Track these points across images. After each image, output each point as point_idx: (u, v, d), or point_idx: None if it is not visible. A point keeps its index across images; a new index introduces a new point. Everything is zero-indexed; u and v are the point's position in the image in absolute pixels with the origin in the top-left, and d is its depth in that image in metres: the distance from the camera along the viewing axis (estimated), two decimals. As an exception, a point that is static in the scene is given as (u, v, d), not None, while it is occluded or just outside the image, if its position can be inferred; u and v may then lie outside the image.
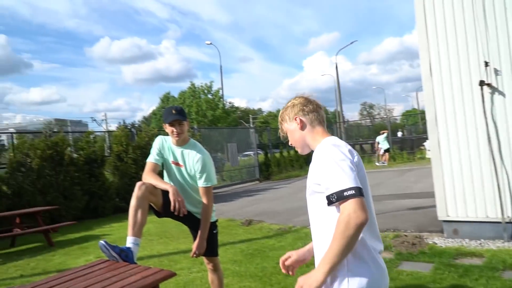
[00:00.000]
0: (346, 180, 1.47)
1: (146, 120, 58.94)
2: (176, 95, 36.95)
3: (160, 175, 3.07)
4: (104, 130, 29.54)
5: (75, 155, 10.17)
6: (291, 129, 1.84)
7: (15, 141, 9.56)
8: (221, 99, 31.68)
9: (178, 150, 3.07)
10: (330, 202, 1.50)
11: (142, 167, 3.53)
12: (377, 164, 18.74)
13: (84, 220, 9.10)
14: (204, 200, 3.03)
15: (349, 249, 1.47)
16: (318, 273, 1.49)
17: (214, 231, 3.23)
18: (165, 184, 2.90)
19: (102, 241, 2.66)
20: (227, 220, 7.93)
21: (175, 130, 2.97)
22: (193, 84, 32.17)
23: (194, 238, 3.14)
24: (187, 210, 2.95)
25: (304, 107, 1.81)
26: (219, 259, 3.39)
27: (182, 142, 3.06)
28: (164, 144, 3.11)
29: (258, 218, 7.74)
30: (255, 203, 10.26)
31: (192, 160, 3.02)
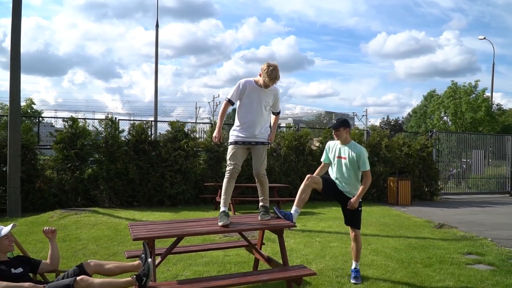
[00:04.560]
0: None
1: (410, 117, 57.90)
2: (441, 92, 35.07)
3: None
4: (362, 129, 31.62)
5: (314, 147, 12.52)
6: None
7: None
8: (486, 101, 28.57)
9: (343, 148, 4.55)
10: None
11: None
12: None
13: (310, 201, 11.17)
14: (364, 179, 4.46)
15: None
16: None
17: (359, 208, 4.55)
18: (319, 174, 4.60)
19: (275, 207, 4.43)
20: (424, 220, 8.54)
21: (333, 134, 4.58)
22: (454, 84, 30.27)
23: (343, 213, 4.59)
24: (341, 191, 4.50)
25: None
26: (360, 232, 4.62)
27: (344, 142, 4.55)
28: (332, 145, 4.69)
29: (457, 225, 7.94)
30: (476, 214, 10.16)
31: (352, 154, 4.44)
